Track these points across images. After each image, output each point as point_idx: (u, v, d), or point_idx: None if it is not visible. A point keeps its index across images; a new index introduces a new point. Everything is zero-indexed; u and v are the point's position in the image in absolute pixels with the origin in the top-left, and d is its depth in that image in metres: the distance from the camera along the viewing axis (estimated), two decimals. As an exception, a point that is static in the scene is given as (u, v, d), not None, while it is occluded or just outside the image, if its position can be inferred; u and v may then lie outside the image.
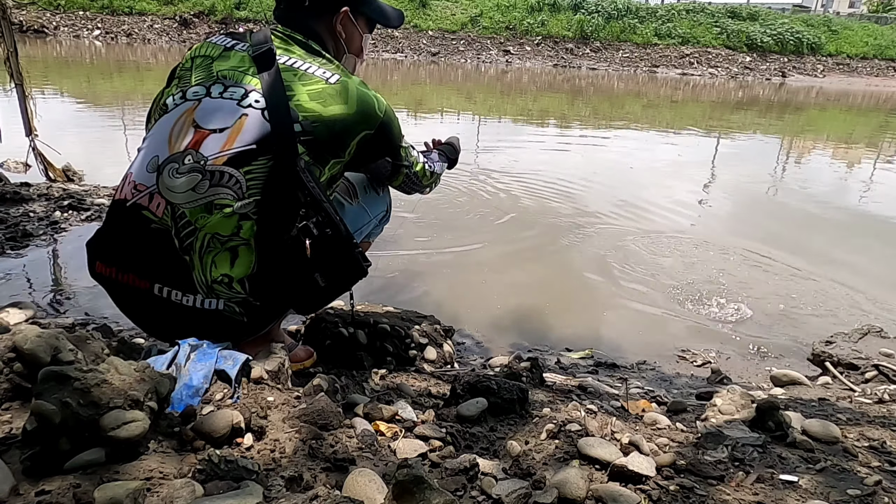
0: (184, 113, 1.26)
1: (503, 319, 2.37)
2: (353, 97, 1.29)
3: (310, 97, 1.25)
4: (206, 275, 1.21)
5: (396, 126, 1.41)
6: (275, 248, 1.24)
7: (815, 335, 2.22)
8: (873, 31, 20.31)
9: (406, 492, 0.75)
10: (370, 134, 1.33)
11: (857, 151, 7.38)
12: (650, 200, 4.23)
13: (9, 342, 0.93)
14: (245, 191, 1.20)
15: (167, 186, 1.21)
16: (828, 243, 3.53)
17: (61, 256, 2.60)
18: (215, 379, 1.05)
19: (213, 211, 1.19)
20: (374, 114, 1.33)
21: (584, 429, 1.10)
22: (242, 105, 1.24)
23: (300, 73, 1.28)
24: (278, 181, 1.22)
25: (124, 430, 0.80)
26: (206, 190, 1.19)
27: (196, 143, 1.22)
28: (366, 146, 1.35)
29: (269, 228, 1.23)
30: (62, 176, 3.65)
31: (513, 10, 18.63)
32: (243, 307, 1.25)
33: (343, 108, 1.27)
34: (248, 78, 1.28)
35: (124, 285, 1.27)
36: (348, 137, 1.30)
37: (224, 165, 1.20)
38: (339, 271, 1.32)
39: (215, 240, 1.20)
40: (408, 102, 9.16)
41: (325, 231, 1.24)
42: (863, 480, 1.00)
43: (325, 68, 1.31)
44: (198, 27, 16.73)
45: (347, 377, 1.44)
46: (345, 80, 1.30)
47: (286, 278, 1.27)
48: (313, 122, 1.24)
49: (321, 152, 1.27)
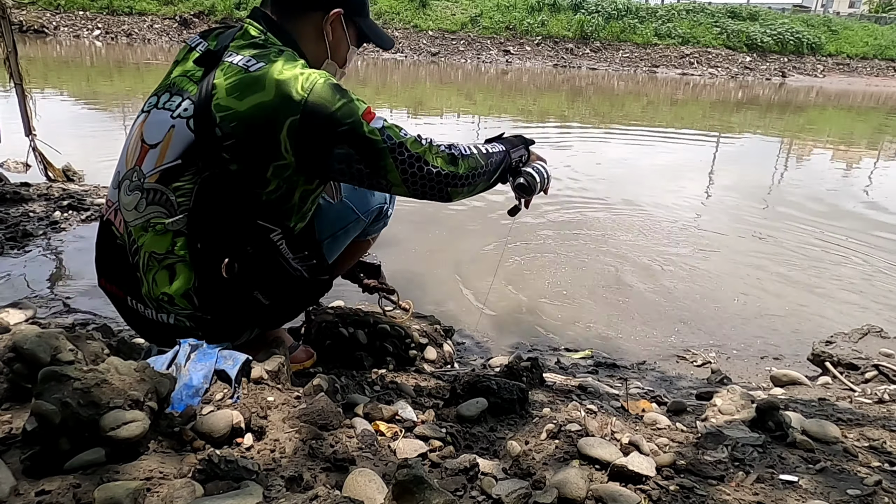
0: (138, 126, 1.25)
1: (503, 319, 2.37)
2: (270, 81, 1.09)
3: (226, 93, 1.10)
4: (150, 292, 1.21)
5: (338, 105, 1.11)
6: (209, 265, 1.18)
7: (815, 335, 2.22)
8: (873, 31, 20.30)
9: (406, 492, 0.75)
10: (296, 121, 1.10)
11: (857, 151, 7.38)
12: (650, 200, 4.23)
13: (9, 342, 0.93)
14: (176, 208, 1.16)
15: (122, 204, 1.22)
16: (828, 243, 3.53)
17: (61, 256, 2.60)
18: (215, 379, 1.05)
19: (148, 229, 1.18)
20: (295, 93, 1.09)
21: (584, 429, 1.10)
22: (174, 116, 1.18)
23: (226, 66, 1.13)
24: (203, 196, 1.16)
25: (124, 430, 0.80)
26: (144, 209, 1.18)
27: (140, 160, 1.21)
28: (300, 136, 1.11)
29: (202, 244, 1.18)
30: (62, 176, 3.65)
31: (513, 10, 18.63)
32: (193, 321, 1.22)
33: (259, 97, 1.09)
34: (189, 84, 1.20)
35: (113, 294, 1.32)
36: (274, 131, 1.10)
37: (156, 183, 1.17)
38: (278, 288, 1.24)
39: (153, 258, 1.19)
40: (408, 103, 9.17)
41: (245, 248, 1.17)
42: (863, 480, 1.00)
43: (256, 58, 1.13)
44: (198, 27, 16.72)
45: (347, 377, 1.44)
46: (269, 65, 1.11)
47: (227, 295, 1.21)
48: (231, 122, 1.10)
49: (251, 157, 1.12)
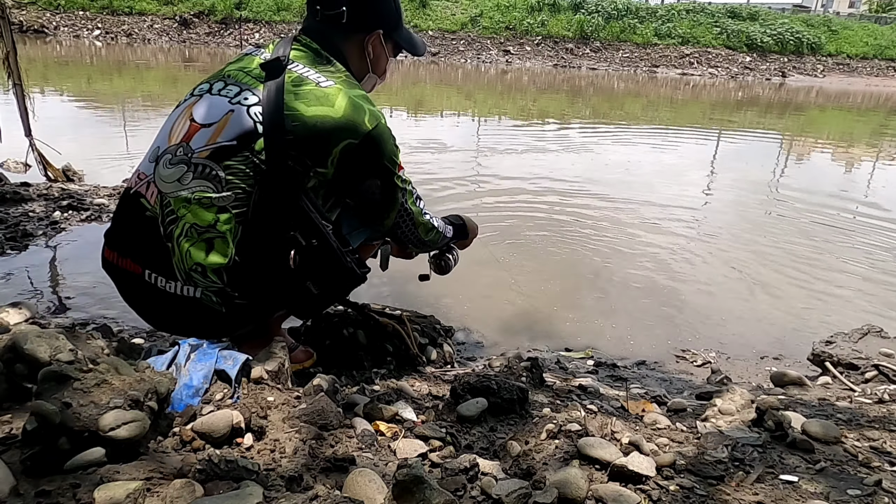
0: (187, 107, 1.32)
1: (503, 319, 2.37)
2: (341, 103, 1.27)
3: (296, 97, 1.25)
4: (183, 262, 1.24)
5: (389, 146, 1.35)
6: (255, 247, 1.26)
7: (815, 335, 2.22)
8: (873, 31, 20.29)
9: (406, 492, 0.75)
10: (354, 144, 1.28)
11: (857, 151, 7.38)
12: (650, 200, 4.23)
13: (9, 342, 0.93)
14: (224, 185, 1.23)
15: (160, 176, 1.27)
16: (828, 243, 3.53)
17: (61, 256, 2.60)
18: (215, 379, 1.05)
19: (192, 202, 1.23)
20: (362, 123, 1.28)
21: (584, 429, 1.10)
22: (233, 102, 1.28)
23: (296, 77, 1.28)
24: (263, 182, 1.24)
25: (124, 430, 0.80)
26: (189, 181, 1.24)
27: (188, 137, 1.27)
28: (349, 158, 1.29)
29: (249, 226, 1.25)
30: (61, 176, 3.65)
31: (513, 10, 18.62)
32: (220, 297, 1.26)
33: (327, 111, 1.25)
34: (248, 78, 1.31)
35: (122, 270, 1.32)
36: (330, 143, 1.27)
37: (206, 159, 1.24)
38: (331, 280, 1.33)
39: (193, 229, 1.24)
40: (408, 102, 9.16)
41: (310, 241, 1.26)
42: (863, 480, 1.00)
43: (325, 75, 1.31)
44: (198, 27, 16.72)
45: (347, 377, 1.44)
46: (339, 87, 1.29)
47: (273, 281, 1.29)
48: (293, 121, 1.24)
49: (302, 156, 1.25)
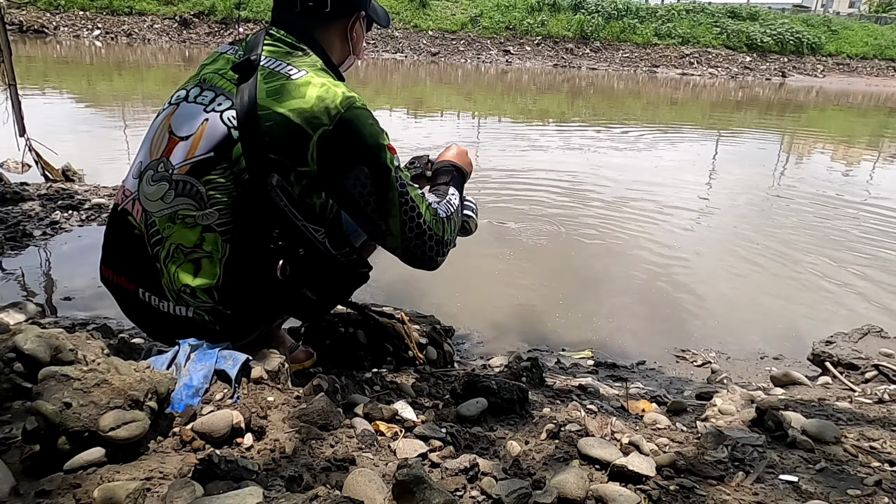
0: (165, 118, 1.26)
1: (503, 319, 2.37)
2: (312, 92, 1.17)
3: (268, 94, 1.16)
4: (172, 284, 1.20)
5: (368, 126, 1.20)
6: (243, 262, 1.20)
7: (815, 335, 2.22)
8: (873, 31, 20.28)
9: (406, 492, 0.75)
10: (328, 130, 1.16)
11: (857, 151, 7.39)
12: (650, 199, 4.23)
13: (9, 342, 0.93)
14: (206, 201, 1.17)
15: (144, 194, 1.22)
16: (828, 243, 3.53)
17: (61, 256, 2.60)
18: (215, 379, 1.05)
19: (176, 221, 1.18)
20: (333, 107, 1.16)
21: (584, 429, 1.10)
22: (207, 110, 1.20)
23: (267, 73, 1.19)
24: (244, 194, 1.18)
25: (124, 430, 0.80)
26: (171, 200, 1.18)
27: (168, 151, 1.21)
28: (327, 147, 1.17)
29: (236, 242, 1.19)
30: (60, 176, 3.64)
31: (513, 10, 18.61)
32: (212, 315, 1.22)
33: (299, 103, 1.16)
34: (223, 81, 1.24)
35: (118, 287, 1.29)
36: (305, 136, 1.16)
37: (187, 175, 1.18)
38: (327, 285, 1.27)
39: (179, 250, 1.19)
40: (408, 102, 9.16)
41: (297, 250, 1.19)
42: (863, 480, 1.00)
43: (296, 66, 1.22)
44: (198, 27, 16.71)
45: (347, 377, 1.44)
46: (312, 75, 1.19)
47: (265, 294, 1.23)
48: (267, 121, 1.15)
49: (282, 157, 1.17)
